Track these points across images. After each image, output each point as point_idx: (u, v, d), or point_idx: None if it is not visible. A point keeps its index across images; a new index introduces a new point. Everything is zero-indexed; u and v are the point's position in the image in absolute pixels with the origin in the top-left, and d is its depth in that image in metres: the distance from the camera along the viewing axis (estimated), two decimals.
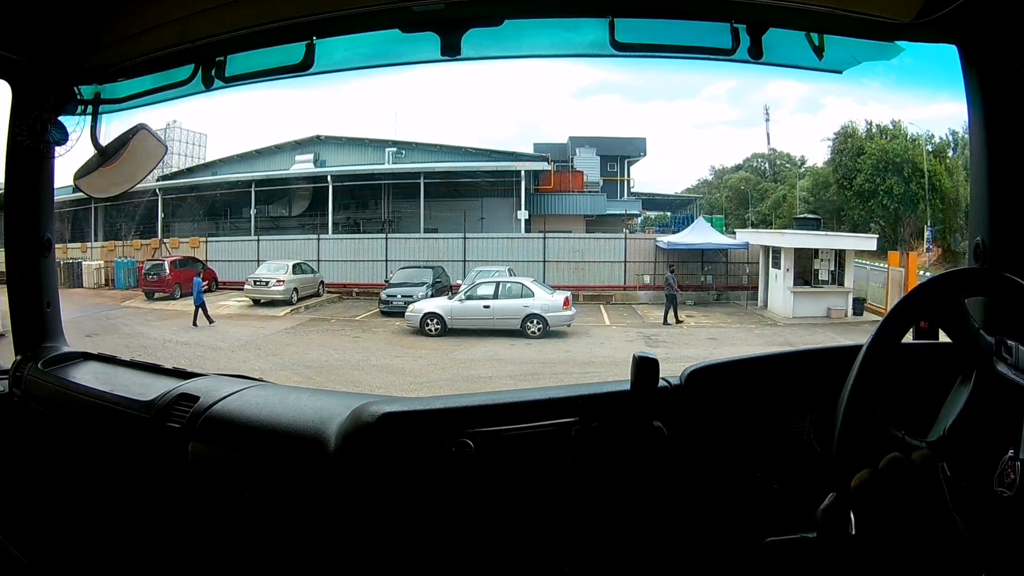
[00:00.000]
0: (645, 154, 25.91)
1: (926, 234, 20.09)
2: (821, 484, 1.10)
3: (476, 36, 1.46)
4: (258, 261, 18.20)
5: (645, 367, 1.15)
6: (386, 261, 18.53)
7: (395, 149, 21.69)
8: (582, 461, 1.20)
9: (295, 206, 21.38)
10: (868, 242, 18.60)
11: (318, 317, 15.71)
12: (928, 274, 14.39)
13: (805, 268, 17.20)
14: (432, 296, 15.29)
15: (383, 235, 19.48)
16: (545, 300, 13.87)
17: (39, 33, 1.52)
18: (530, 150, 22.73)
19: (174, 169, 22.45)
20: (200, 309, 14.14)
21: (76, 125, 1.77)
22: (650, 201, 26.77)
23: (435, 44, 1.46)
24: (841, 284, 17.12)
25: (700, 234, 19.28)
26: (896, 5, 1.29)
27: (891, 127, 25.90)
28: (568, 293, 14.57)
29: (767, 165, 34.17)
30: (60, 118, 1.74)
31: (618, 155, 25.02)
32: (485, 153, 21.68)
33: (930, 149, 24.91)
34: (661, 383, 1.25)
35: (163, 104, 1.80)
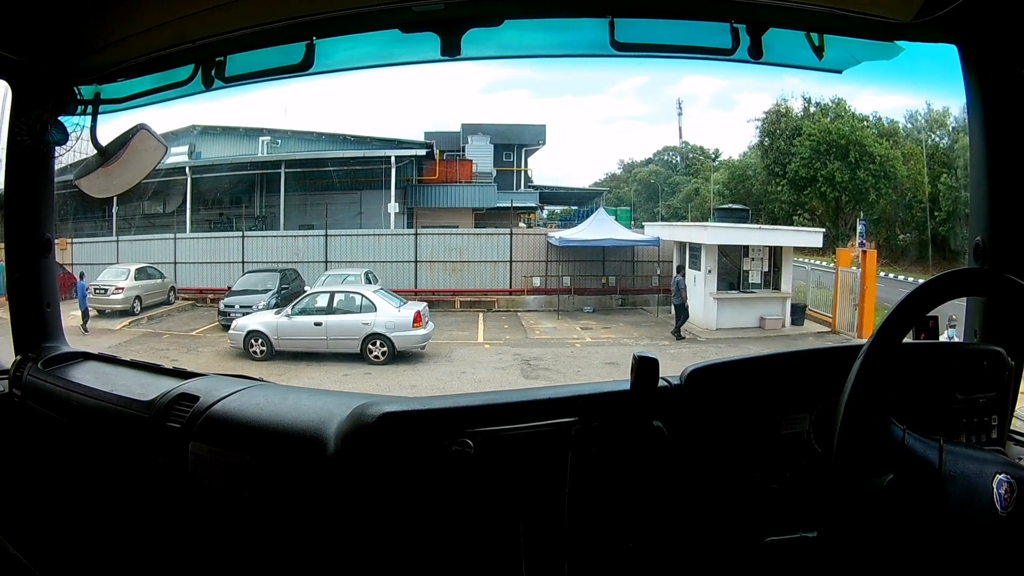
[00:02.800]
0: (544, 143, 23.58)
1: (859, 228, 17.93)
2: (821, 484, 1.10)
3: (476, 36, 1.46)
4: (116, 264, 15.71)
5: (645, 367, 1.15)
6: (243, 263, 15.90)
7: (269, 138, 18.95)
8: (582, 461, 1.20)
9: (170, 202, 18.49)
10: (813, 237, 15.82)
11: (153, 331, 13.35)
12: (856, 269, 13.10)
13: (731, 269, 14.33)
14: (280, 305, 12.50)
15: (240, 233, 16.85)
16: (390, 315, 10.96)
17: (39, 33, 1.52)
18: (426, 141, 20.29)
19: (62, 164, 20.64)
20: (85, 315, 12.73)
21: (76, 125, 1.77)
22: (552, 194, 24.58)
23: (435, 44, 1.46)
24: (777, 288, 14.25)
25: (600, 228, 16.11)
26: (896, 5, 1.29)
27: (833, 105, 22.76)
28: (421, 306, 11.70)
29: (679, 158, 33.09)
30: (60, 118, 1.74)
31: (514, 144, 22.56)
32: (364, 141, 18.86)
33: (876, 132, 22.18)
34: (661, 383, 1.25)
35: (163, 104, 1.80)
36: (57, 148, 1.77)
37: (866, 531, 0.94)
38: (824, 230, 16.99)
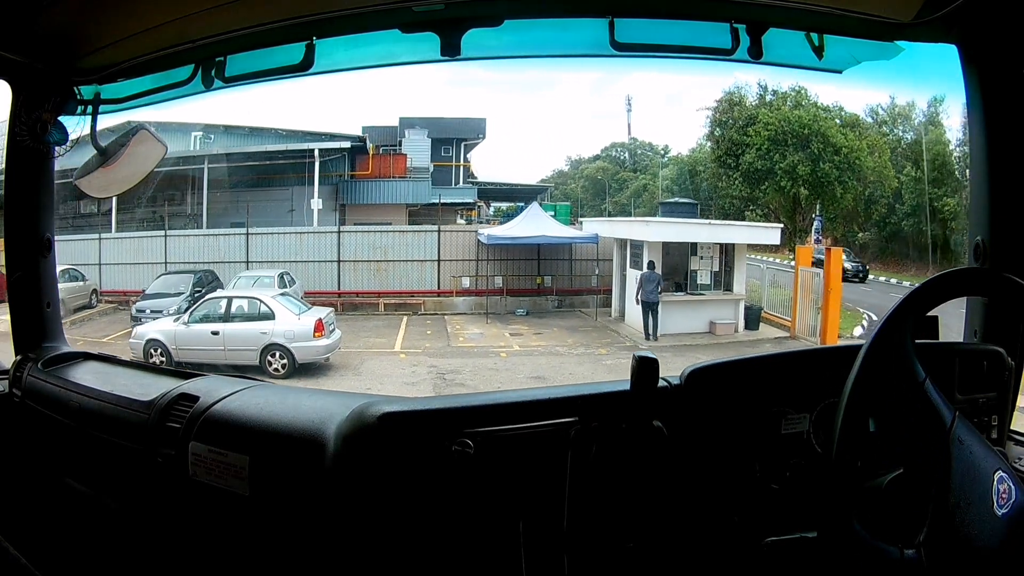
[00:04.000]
0: (484, 136, 22.45)
1: (815, 224, 16.99)
2: (821, 484, 1.10)
3: (476, 36, 1.46)
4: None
5: (645, 367, 1.15)
6: (165, 263, 14.88)
7: (201, 133, 18.02)
8: (582, 461, 1.20)
9: (105, 202, 17.17)
10: (769, 234, 14.14)
11: (69, 337, 11.80)
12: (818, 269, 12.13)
13: (677, 267, 13.06)
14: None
15: (162, 233, 15.69)
16: (289, 324, 9.87)
17: (39, 33, 1.52)
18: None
19: None
20: None
21: (76, 125, 1.78)
22: (496, 190, 23.56)
23: (435, 44, 1.46)
24: (729, 289, 12.98)
25: (533, 224, 14.66)
26: (896, 5, 1.29)
27: (792, 93, 20.72)
28: (324, 313, 10.45)
29: (627, 154, 32.57)
30: (60, 118, 1.74)
31: (453, 138, 21.38)
32: (296, 135, 17.81)
33: (838, 122, 20.48)
34: (661, 383, 1.25)
35: (163, 104, 1.80)
36: (57, 148, 1.77)
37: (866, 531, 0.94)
38: (782, 226, 15.68)
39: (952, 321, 1.41)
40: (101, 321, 13.76)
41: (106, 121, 1.79)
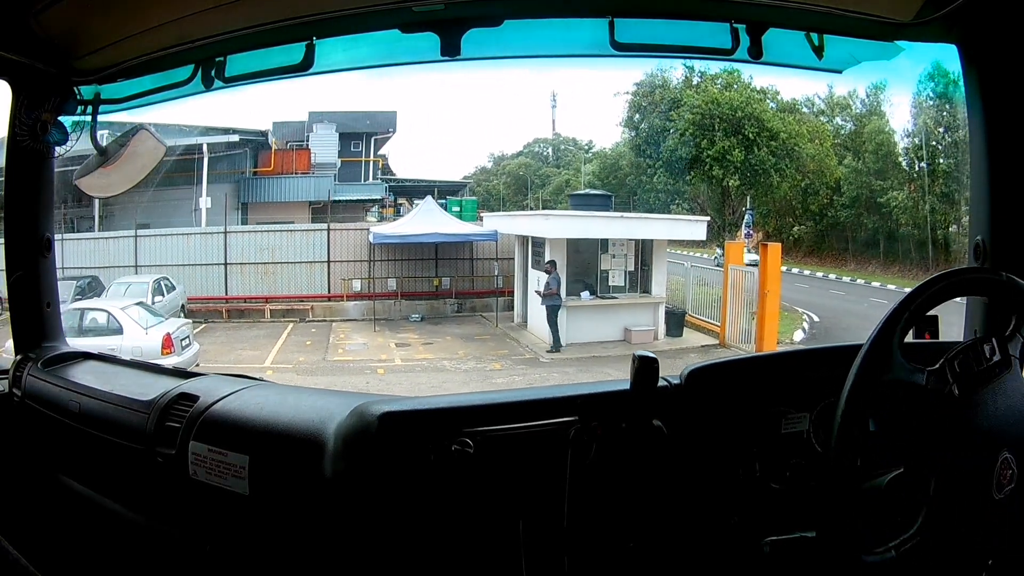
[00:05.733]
0: (395, 130, 21.19)
1: (746, 218, 15.95)
2: (821, 484, 1.10)
3: (476, 36, 1.46)
4: None
5: (645, 366, 1.15)
6: (62, 268, 13.28)
7: (108, 131, 16.55)
8: (582, 460, 1.20)
9: None
10: (693, 227, 12.56)
11: None
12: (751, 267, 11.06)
13: (590, 267, 11.58)
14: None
15: (59, 236, 13.34)
16: (136, 339, 8.98)
17: (39, 33, 1.52)
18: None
19: None
20: None
21: (76, 125, 1.77)
22: (412, 186, 22.22)
23: (435, 44, 1.46)
24: (646, 291, 11.60)
25: (426, 221, 13.23)
26: (896, 5, 1.29)
27: (724, 74, 18.81)
28: (176, 325, 9.53)
29: (550, 150, 32.04)
30: (60, 118, 1.74)
31: (363, 132, 20.17)
32: (195, 131, 16.31)
33: (774, 107, 18.87)
34: (661, 382, 1.25)
35: (163, 104, 1.80)
36: (57, 148, 1.77)
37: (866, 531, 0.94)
38: (708, 219, 14.07)
39: (952, 320, 1.41)
40: None
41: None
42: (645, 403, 1.19)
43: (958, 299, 1.10)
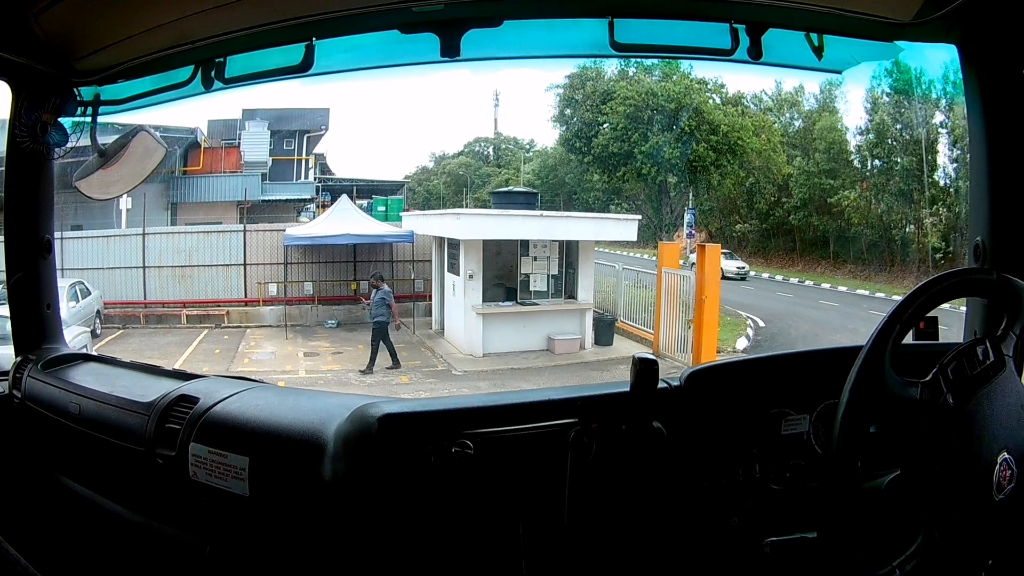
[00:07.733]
0: (327, 128, 20.40)
1: (687, 218, 14.95)
2: (821, 484, 1.10)
3: (475, 37, 1.46)
4: None
5: (645, 368, 1.15)
6: None
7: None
8: (582, 462, 1.20)
9: None
10: (622, 227, 11.47)
11: None
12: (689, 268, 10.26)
13: (512, 271, 10.80)
14: None
15: None
16: (9, 350, 6.59)
17: (39, 34, 1.52)
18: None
19: None
20: None
21: (76, 126, 1.77)
22: (348, 186, 20.44)
23: (434, 45, 1.46)
24: (572, 296, 10.82)
25: (340, 221, 12.49)
26: (896, 5, 1.29)
27: (660, 64, 17.41)
28: (76, 334, 8.75)
29: (491, 149, 31.35)
30: (60, 119, 1.74)
31: (296, 130, 19.48)
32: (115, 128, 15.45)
33: (717, 100, 17.57)
34: (661, 384, 1.25)
35: (163, 105, 1.80)
36: (57, 149, 1.77)
37: (865, 531, 0.94)
38: (639, 218, 13.05)
39: (952, 321, 1.41)
40: None
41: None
42: (645, 405, 1.19)
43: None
